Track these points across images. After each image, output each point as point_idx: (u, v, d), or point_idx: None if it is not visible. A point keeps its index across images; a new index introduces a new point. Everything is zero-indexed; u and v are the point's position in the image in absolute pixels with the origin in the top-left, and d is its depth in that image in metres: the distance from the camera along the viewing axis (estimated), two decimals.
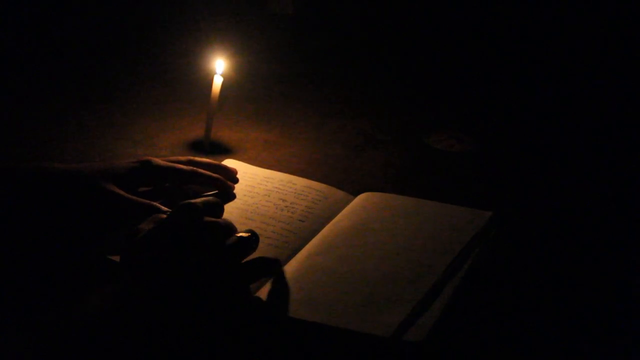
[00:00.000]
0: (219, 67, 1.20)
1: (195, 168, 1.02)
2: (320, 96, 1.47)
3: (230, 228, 0.81)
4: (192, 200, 0.81)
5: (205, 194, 1.02)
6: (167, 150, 1.20)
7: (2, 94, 1.35)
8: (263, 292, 0.84)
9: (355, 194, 1.07)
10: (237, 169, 1.10)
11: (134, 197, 0.93)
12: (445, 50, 1.74)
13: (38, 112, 1.29)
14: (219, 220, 0.81)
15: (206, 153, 1.19)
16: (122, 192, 0.93)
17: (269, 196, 1.05)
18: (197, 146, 1.22)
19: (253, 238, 0.82)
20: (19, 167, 0.92)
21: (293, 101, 1.44)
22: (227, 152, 1.21)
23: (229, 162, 1.13)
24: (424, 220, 0.99)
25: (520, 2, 1.80)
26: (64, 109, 1.31)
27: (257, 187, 1.07)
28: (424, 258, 0.90)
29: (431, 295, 0.83)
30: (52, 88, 1.40)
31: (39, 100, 1.35)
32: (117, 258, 0.84)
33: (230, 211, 1.00)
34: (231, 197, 1.04)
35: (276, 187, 1.07)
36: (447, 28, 1.82)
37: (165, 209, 0.92)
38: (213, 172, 1.04)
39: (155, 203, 0.94)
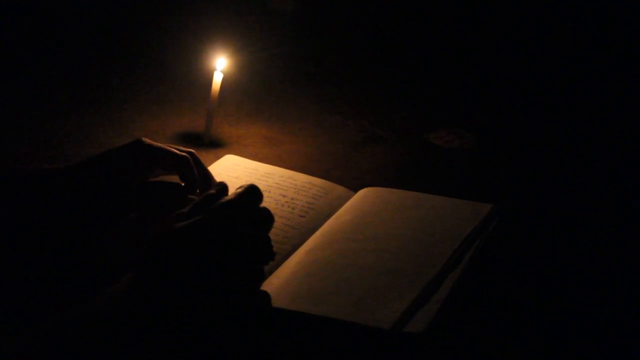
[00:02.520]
0: (220, 64, 1.20)
1: (189, 155, 0.98)
2: (321, 93, 1.47)
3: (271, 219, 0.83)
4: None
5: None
6: None
7: (2, 93, 1.35)
8: (264, 286, 0.84)
9: (356, 190, 1.07)
10: (238, 164, 1.09)
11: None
12: (446, 47, 1.74)
13: (38, 112, 1.29)
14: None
15: (206, 148, 1.20)
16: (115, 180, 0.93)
17: (269, 192, 1.04)
18: (197, 142, 1.22)
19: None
20: (19, 170, 0.92)
21: (294, 98, 1.44)
22: (227, 148, 1.21)
23: (229, 158, 1.13)
24: (424, 214, 0.99)
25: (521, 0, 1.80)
26: (63, 108, 1.31)
27: (258, 183, 1.06)
28: (424, 251, 0.90)
29: (431, 288, 0.83)
30: (51, 87, 1.40)
31: (39, 99, 1.34)
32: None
33: None
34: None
35: (277, 183, 1.07)
36: (447, 25, 1.82)
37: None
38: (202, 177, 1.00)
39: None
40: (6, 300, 0.81)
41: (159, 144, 0.97)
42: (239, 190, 0.82)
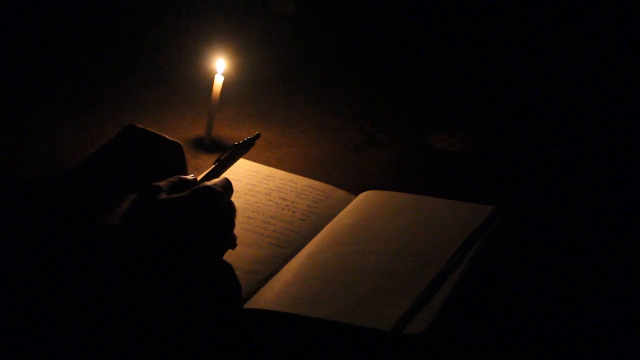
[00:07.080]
0: (220, 66, 1.21)
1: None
2: (321, 96, 1.47)
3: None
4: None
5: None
6: None
7: (2, 94, 1.35)
8: (265, 290, 0.84)
9: (356, 193, 1.07)
10: (238, 165, 1.09)
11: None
12: (446, 50, 1.74)
13: (37, 113, 1.29)
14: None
15: (207, 151, 1.20)
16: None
17: (269, 195, 1.05)
18: (198, 144, 1.22)
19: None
20: (15, 181, 0.91)
21: (294, 101, 1.44)
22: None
23: None
24: (424, 216, 0.99)
25: (520, 1, 1.81)
26: (63, 109, 1.31)
27: (258, 186, 1.07)
28: (425, 252, 0.90)
29: (432, 289, 0.83)
30: (51, 88, 1.40)
31: (38, 100, 1.35)
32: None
33: None
34: None
35: (277, 186, 1.07)
36: (447, 27, 1.82)
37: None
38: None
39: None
40: (6, 300, 0.81)
41: (152, 130, 0.96)
42: (217, 181, 0.85)
